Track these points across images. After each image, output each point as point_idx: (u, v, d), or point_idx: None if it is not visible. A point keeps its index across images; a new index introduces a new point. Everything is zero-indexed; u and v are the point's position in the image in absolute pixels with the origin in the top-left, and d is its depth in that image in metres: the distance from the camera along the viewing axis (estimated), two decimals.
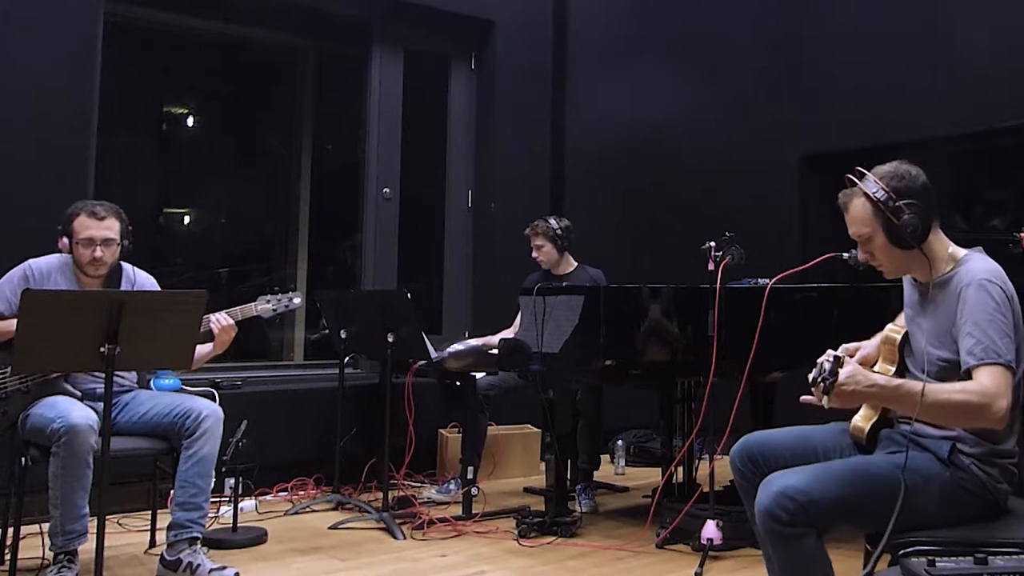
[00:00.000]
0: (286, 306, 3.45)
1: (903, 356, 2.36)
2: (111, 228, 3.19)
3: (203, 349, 3.22)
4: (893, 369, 2.35)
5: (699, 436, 3.87)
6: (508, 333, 4.48)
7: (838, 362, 1.96)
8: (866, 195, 2.23)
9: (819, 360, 1.99)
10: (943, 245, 2.26)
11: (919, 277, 2.32)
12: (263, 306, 3.40)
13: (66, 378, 3.13)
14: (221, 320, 3.23)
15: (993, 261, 2.25)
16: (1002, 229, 4.92)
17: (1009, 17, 4.88)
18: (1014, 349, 2.07)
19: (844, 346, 2.45)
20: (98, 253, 3.15)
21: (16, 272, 3.21)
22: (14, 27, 4.06)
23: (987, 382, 2.02)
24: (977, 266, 2.18)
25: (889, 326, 2.42)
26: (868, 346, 2.49)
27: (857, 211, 2.26)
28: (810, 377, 1.99)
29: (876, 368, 2.36)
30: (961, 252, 2.27)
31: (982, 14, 4.98)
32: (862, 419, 2.36)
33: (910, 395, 2.00)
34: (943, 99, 5.07)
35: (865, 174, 2.27)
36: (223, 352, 3.33)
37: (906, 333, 2.36)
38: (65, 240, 3.19)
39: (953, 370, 2.13)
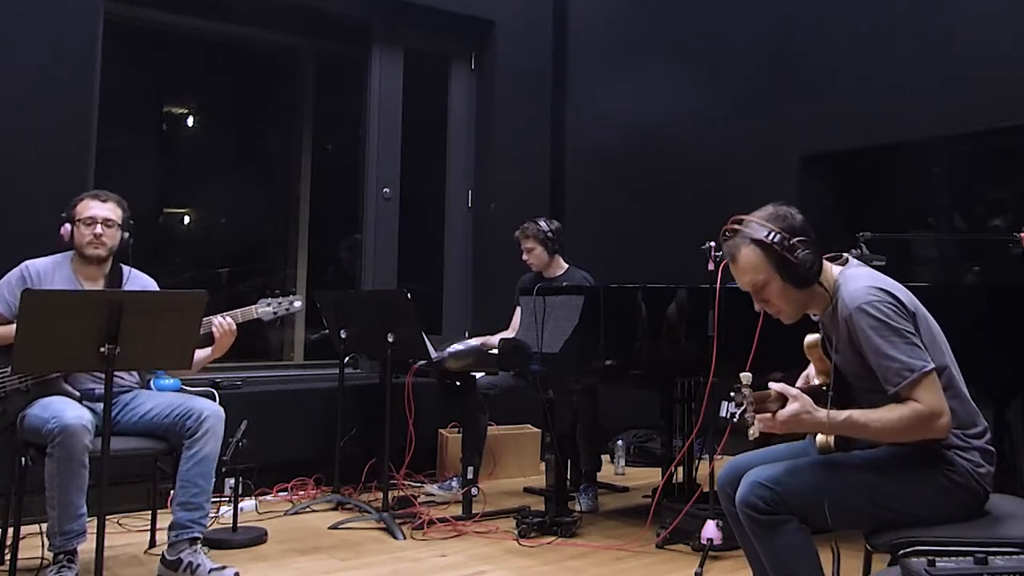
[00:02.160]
0: (287, 309, 3.44)
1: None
2: (113, 211, 3.25)
3: (202, 353, 3.21)
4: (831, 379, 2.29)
5: (699, 436, 3.87)
6: (505, 335, 4.47)
7: (739, 394, 2.01)
8: (756, 241, 2.17)
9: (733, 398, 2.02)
10: (827, 272, 2.23)
11: (816, 312, 2.29)
12: (263, 309, 3.38)
13: (66, 379, 3.12)
14: (223, 324, 3.22)
15: (862, 269, 2.22)
16: (1002, 229, 4.91)
17: (1009, 17, 4.88)
18: (923, 351, 2.07)
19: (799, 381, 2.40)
20: (99, 230, 3.18)
21: (14, 274, 3.20)
22: (14, 27, 4.06)
23: (920, 399, 2.04)
24: (849, 289, 2.15)
25: (809, 335, 2.36)
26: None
27: (748, 259, 2.20)
28: (732, 417, 2.03)
29: (818, 382, 2.32)
30: (836, 271, 2.24)
31: (982, 14, 4.98)
32: (823, 436, 2.34)
33: (854, 427, 2.07)
34: (943, 99, 5.06)
35: (745, 220, 2.21)
36: (223, 353, 3.32)
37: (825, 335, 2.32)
38: (67, 227, 3.21)
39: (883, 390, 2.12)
